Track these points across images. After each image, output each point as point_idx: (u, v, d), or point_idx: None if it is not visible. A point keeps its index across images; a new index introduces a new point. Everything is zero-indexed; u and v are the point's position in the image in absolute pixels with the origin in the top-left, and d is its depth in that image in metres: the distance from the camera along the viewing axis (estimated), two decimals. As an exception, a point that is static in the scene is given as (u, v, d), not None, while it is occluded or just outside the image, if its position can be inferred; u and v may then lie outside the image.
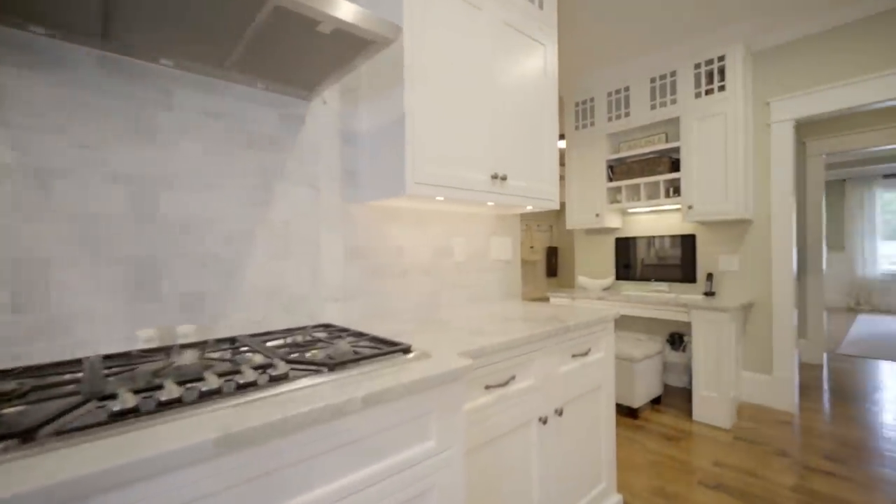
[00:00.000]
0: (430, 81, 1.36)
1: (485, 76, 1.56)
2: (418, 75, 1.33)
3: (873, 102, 2.53)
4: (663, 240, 3.36)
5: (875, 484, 1.99)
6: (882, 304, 6.82)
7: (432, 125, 1.37)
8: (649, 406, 2.98)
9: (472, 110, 1.51)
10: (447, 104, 1.42)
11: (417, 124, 1.32)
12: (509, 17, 1.65)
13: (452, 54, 1.44)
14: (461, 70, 1.47)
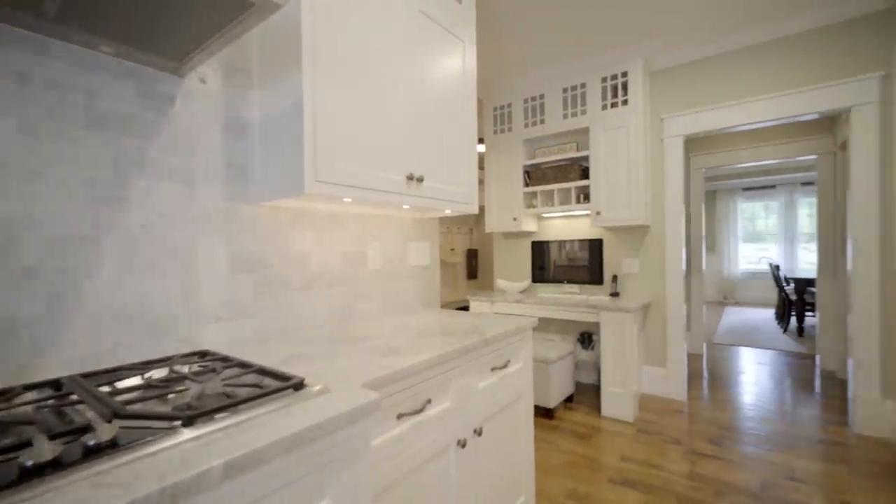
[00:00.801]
0: (335, 66, 1.19)
1: (400, 67, 1.42)
2: (321, 58, 1.15)
3: (743, 124, 2.88)
4: (574, 244, 3.52)
5: (746, 462, 2.24)
6: (743, 297, 8.03)
7: (338, 117, 1.20)
8: (563, 405, 3.08)
9: (386, 104, 1.37)
10: (356, 94, 1.26)
11: (320, 115, 1.14)
12: (425, 5, 1.53)
13: (361, 38, 1.28)
14: (373, 57, 1.32)
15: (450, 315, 1.82)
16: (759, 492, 1.98)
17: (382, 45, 1.35)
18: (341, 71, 1.21)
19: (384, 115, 1.36)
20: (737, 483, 2.05)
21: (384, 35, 1.36)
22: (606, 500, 1.95)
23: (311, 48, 1.12)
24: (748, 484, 2.04)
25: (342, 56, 1.21)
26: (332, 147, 1.17)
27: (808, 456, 2.29)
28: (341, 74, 1.21)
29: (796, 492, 1.97)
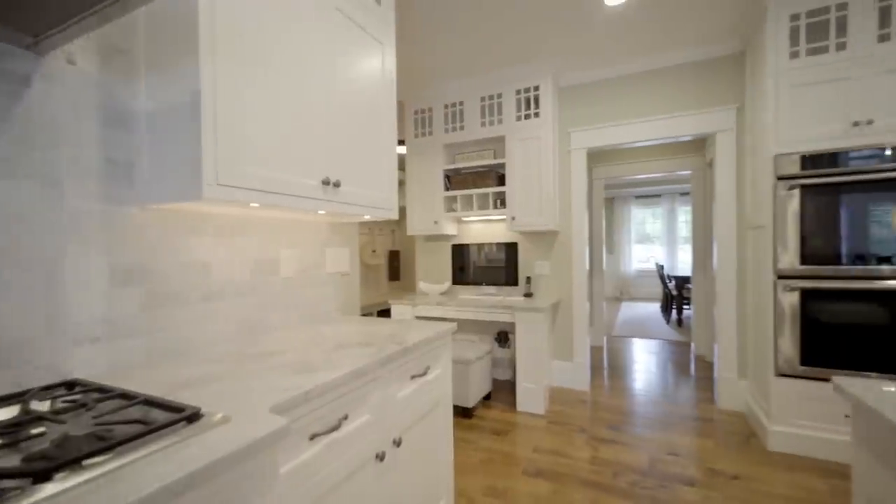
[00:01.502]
0: (239, 59, 1.09)
1: (314, 66, 1.35)
2: (223, 48, 1.04)
3: (636, 141, 3.24)
4: (492, 247, 3.66)
5: (638, 443, 2.52)
6: (636, 293, 9.05)
7: (244, 115, 1.10)
8: (481, 403, 3.19)
9: (299, 103, 1.29)
10: (266, 92, 1.17)
11: (222, 111, 1.04)
12: (342, 3, 1.48)
13: (271, 31, 1.19)
14: (284, 53, 1.23)
15: (369, 323, 1.78)
16: (648, 468, 2.24)
17: (295, 41, 1.27)
18: (247, 65, 1.11)
19: (297, 116, 1.28)
20: (630, 463, 2.30)
21: (297, 30, 1.28)
22: (521, 492, 2.05)
23: (211, 36, 1.02)
24: (639, 463, 2.30)
25: (248, 48, 1.12)
26: (237, 147, 1.07)
27: (684, 432, 2.65)
28: (247, 68, 1.11)
29: (675, 465, 2.26)
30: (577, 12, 2.51)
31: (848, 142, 2.12)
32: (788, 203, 2.23)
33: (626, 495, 2.01)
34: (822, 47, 2.18)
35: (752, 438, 2.53)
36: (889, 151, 2.04)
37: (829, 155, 2.15)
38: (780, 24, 2.23)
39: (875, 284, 2.07)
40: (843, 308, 2.14)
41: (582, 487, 2.08)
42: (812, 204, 2.19)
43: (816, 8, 2.17)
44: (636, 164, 4.72)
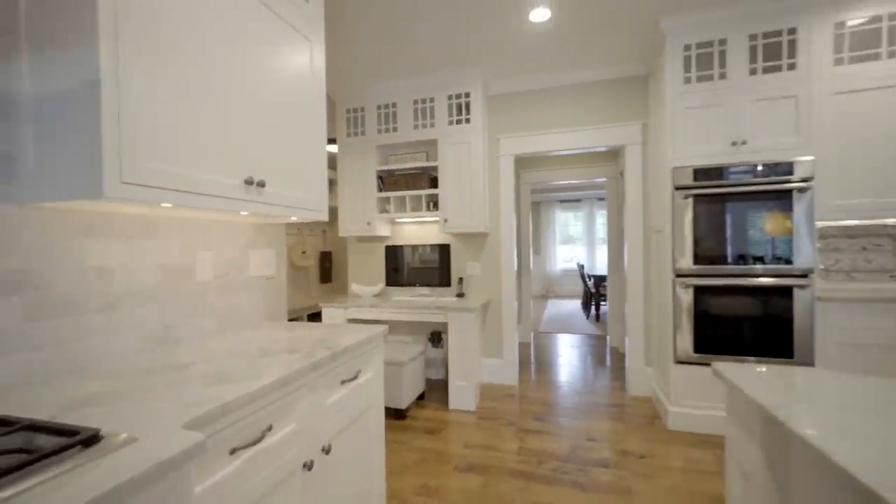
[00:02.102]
0: (149, 46, 1.00)
1: (238, 60, 1.28)
2: (129, 32, 0.95)
3: (558, 150, 3.48)
4: (426, 248, 3.70)
5: (560, 432, 2.71)
6: (560, 291, 9.65)
7: (154, 107, 1.01)
8: (415, 403, 3.21)
9: (219, 96, 1.21)
10: (178, 80, 1.08)
11: (126, 102, 0.95)
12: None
13: (188, 19, 1.11)
14: (204, 44, 1.15)
15: (297, 328, 1.72)
16: (568, 455, 2.41)
17: (215, 31, 1.20)
18: (158, 52, 1.03)
19: (216, 110, 1.20)
20: (553, 451, 2.46)
21: (217, 21, 1.21)
22: (453, 488, 2.11)
23: (113, 16, 0.93)
24: (561, 450, 2.47)
25: (158, 33, 1.03)
26: (145, 142, 0.99)
27: (600, 419, 2.89)
28: (158, 56, 1.03)
29: (592, 449, 2.47)
30: (505, 24, 2.63)
31: (729, 158, 2.47)
32: (684, 210, 2.54)
33: (549, 481, 2.15)
34: (709, 75, 2.51)
35: (657, 420, 2.84)
36: (760, 168, 2.41)
37: (716, 169, 2.48)
38: (675, 53, 2.54)
39: (752, 281, 2.43)
40: (728, 302, 2.48)
41: (510, 478, 2.19)
42: (702, 211, 2.51)
43: (704, 41, 2.50)
44: (559, 171, 5.04)
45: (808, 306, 2.33)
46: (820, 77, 2.32)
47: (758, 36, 2.41)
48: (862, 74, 2.25)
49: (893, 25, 2.21)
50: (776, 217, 2.39)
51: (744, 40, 2.43)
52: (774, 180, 2.37)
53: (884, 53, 2.22)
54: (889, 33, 2.23)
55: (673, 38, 2.53)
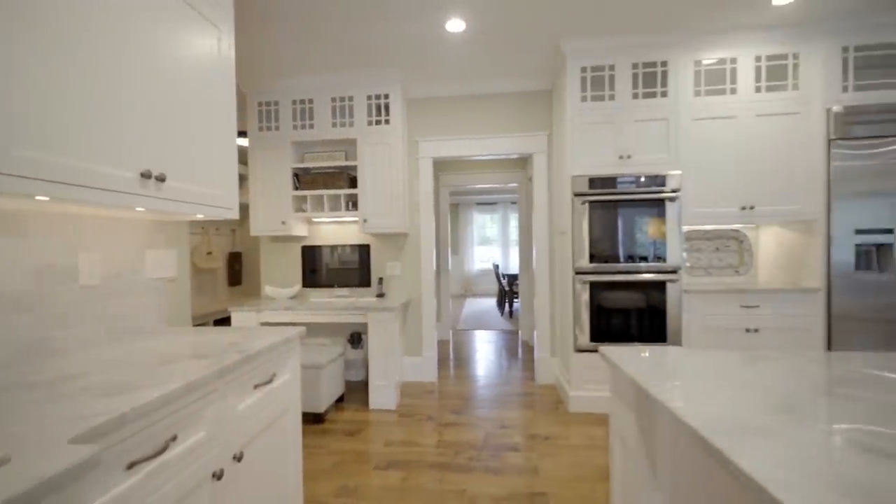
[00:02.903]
0: (28, 18, 0.89)
1: (136, 43, 1.18)
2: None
3: (474, 155, 3.66)
4: (345, 248, 3.65)
5: (476, 423, 2.87)
6: (478, 290, 10.07)
7: (22, 84, 0.90)
8: (334, 406, 3.15)
9: (109, 80, 1.11)
10: (68, 64, 0.97)
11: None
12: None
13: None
14: (97, 23, 1.05)
15: (205, 333, 1.61)
16: (483, 443, 2.57)
17: (111, 11, 1.09)
18: (39, 26, 0.91)
19: (107, 95, 1.10)
20: (470, 441, 2.60)
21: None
22: (373, 486, 2.13)
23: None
24: (476, 439, 2.62)
25: (44, 7, 0.92)
26: (13, 127, 0.88)
27: (512, 407, 3.11)
28: (40, 31, 0.91)
29: (505, 436, 2.65)
30: (424, 31, 2.71)
31: (617, 170, 2.82)
32: (582, 214, 2.85)
33: (465, 469, 2.28)
34: (601, 96, 2.85)
35: (560, 405, 3.13)
36: (642, 179, 2.80)
37: (608, 178, 2.82)
38: (573, 73, 2.84)
39: (636, 277, 2.81)
40: (617, 295, 2.83)
41: (429, 470, 2.27)
42: (597, 215, 2.84)
43: (597, 65, 2.83)
44: (476, 175, 5.29)
45: (677, 298, 2.76)
46: (684, 104, 2.76)
47: (639, 65, 2.80)
48: (713, 105, 2.74)
49: (734, 68, 2.73)
50: (654, 222, 2.79)
51: (628, 68, 2.80)
52: (653, 190, 2.77)
53: (727, 90, 2.73)
54: (731, 74, 2.74)
55: (572, 60, 2.83)
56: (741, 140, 2.72)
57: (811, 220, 2.68)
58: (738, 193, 2.73)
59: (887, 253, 2.56)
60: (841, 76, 2.60)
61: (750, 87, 2.71)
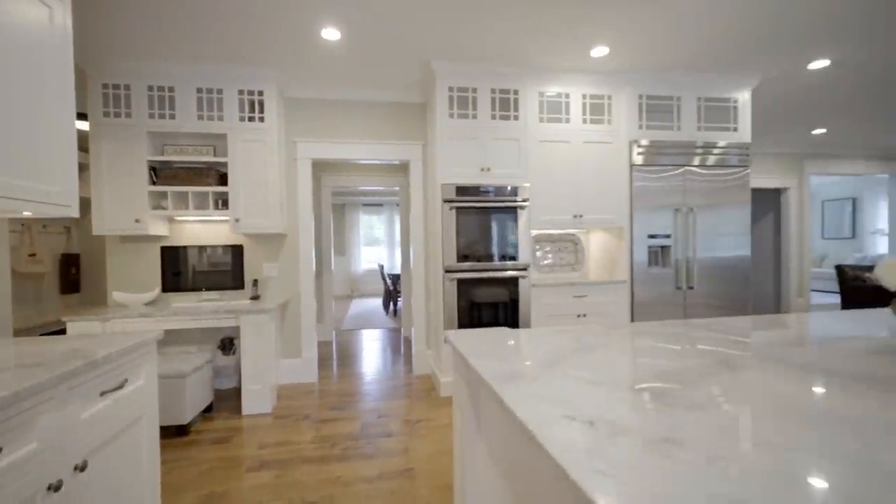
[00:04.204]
0: None
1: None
2: None
3: (355, 158, 3.78)
4: (215, 249, 3.44)
5: (355, 416, 3.00)
6: (364, 290, 10.09)
7: None
8: (200, 417, 2.97)
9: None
10: None
11: None
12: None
13: None
14: None
15: (34, 342, 1.46)
16: (360, 433, 2.72)
17: None
18: None
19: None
20: (347, 433, 2.72)
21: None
22: (244, 488, 2.12)
23: None
24: (354, 431, 2.75)
25: None
26: None
27: (389, 398, 3.32)
28: None
29: (380, 425, 2.84)
30: (301, 35, 2.75)
31: (480, 180, 3.22)
32: (450, 218, 3.18)
33: (341, 459, 2.40)
34: (466, 114, 3.23)
35: (433, 391, 3.44)
36: (500, 189, 3.24)
37: (472, 187, 3.20)
38: (442, 91, 3.16)
39: (495, 274, 3.23)
40: (481, 290, 3.23)
41: (304, 464, 2.34)
42: (463, 219, 3.20)
43: (462, 86, 3.20)
44: (360, 177, 5.38)
45: (527, 291, 3.27)
46: (532, 128, 3.29)
47: (496, 91, 3.24)
48: (553, 130, 3.32)
49: (567, 101, 3.34)
50: (509, 226, 3.26)
51: (488, 92, 3.22)
52: (508, 199, 3.24)
53: (563, 119, 3.34)
54: (566, 106, 3.35)
55: (440, 80, 3.15)
56: (573, 161, 3.35)
57: (621, 227, 3.42)
58: (571, 204, 3.35)
59: (668, 253, 3.42)
60: (638, 117, 3.39)
61: (579, 118, 3.35)
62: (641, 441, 0.66)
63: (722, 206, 3.50)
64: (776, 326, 1.55)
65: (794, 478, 0.55)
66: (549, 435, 0.68)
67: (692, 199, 3.46)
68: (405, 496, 2.04)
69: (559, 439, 0.67)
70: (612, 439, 0.67)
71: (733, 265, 3.52)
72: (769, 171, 6.01)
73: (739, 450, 0.64)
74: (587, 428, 0.71)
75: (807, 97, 3.94)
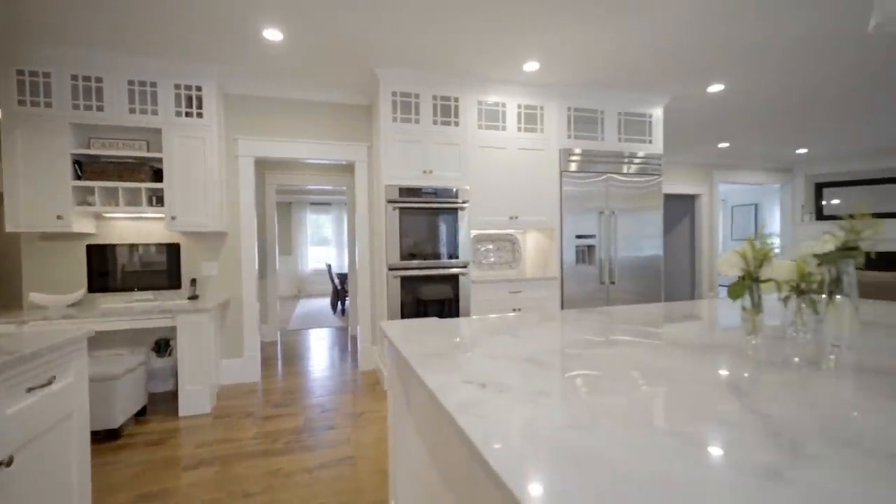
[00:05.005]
0: None
1: None
2: None
3: (301, 158, 3.79)
4: (148, 248, 3.32)
5: (300, 411, 3.05)
6: (312, 291, 9.92)
7: None
8: (133, 420, 2.87)
9: None
10: None
11: None
12: None
13: None
14: None
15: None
16: (304, 427, 2.78)
17: None
18: None
19: None
20: (290, 428, 2.77)
21: None
22: (180, 486, 2.12)
23: None
24: (297, 425, 2.80)
25: None
26: None
27: (334, 393, 3.39)
28: None
29: (324, 418, 2.91)
30: (241, 34, 2.75)
31: (422, 182, 3.38)
32: (394, 218, 3.31)
33: (283, 452, 2.45)
34: (409, 118, 3.37)
35: (377, 385, 3.55)
36: (441, 190, 3.41)
37: (414, 189, 3.35)
38: (386, 96, 3.28)
39: (436, 271, 3.40)
40: (423, 287, 3.38)
41: (244, 459, 2.37)
42: (406, 219, 3.34)
43: (405, 92, 3.33)
44: (306, 176, 5.35)
45: (467, 287, 3.47)
46: (471, 134, 3.50)
47: (438, 97, 3.41)
48: (491, 137, 3.55)
49: (504, 110, 3.59)
50: (451, 226, 3.44)
51: (430, 98, 3.39)
52: (449, 200, 3.42)
53: (500, 126, 3.58)
54: (502, 115, 3.59)
55: (384, 85, 3.27)
56: (510, 166, 3.60)
57: (552, 228, 3.73)
58: (508, 206, 3.60)
59: (593, 252, 3.78)
60: (566, 127, 3.71)
61: (515, 126, 3.60)
62: (521, 395, 0.85)
63: (639, 211, 3.91)
64: (658, 312, 1.85)
65: (615, 407, 0.76)
66: (448, 396, 0.85)
67: (614, 204, 3.84)
68: (345, 482, 2.15)
69: (455, 399, 0.84)
70: (498, 395, 0.85)
71: (649, 263, 3.95)
72: (684, 179, 6.70)
73: (587, 396, 0.84)
74: (480, 389, 0.89)
75: (709, 115, 4.49)
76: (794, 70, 3.35)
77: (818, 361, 1.00)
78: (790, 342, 1.16)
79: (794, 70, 3.35)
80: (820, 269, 1.05)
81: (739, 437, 0.64)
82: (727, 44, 2.94)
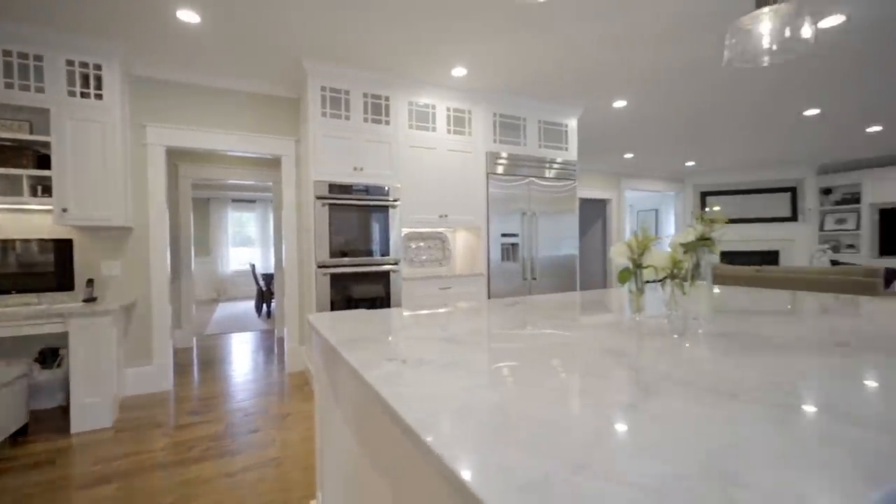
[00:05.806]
0: None
1: None
2: None
3: (220, 149, 3.57)
4: (30, 244, 2.91)
5: (220, 418, 2.87)
6: (234, 293, 9.28)
7: None
8: (9, 442, 2.51)
9: None
10: None
11: None
12: None
13: None
14: None
15: None
16: (224, 433, 2.63)
17: None
18: None
19: None
20: (208, 434, 2.60)
21: None
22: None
23: None
24: (216, 432, 2.64)
25: None
26: None
27: (260, 396, 3.24)
28: None
29: (246, 423, 2.78)
30: (150, 13, 2.55)
31: (352, 179, 3.36)
32: (323, 215, 3.25)
33: (200, 460, 2.30)
34: (339, 115, 3.34)
35: (306, 386, 3.46)
36: (372, 188, 3.42)
37: (344, 185, 3.32)
38: (315, 90, 3.22)
39: (366, 269, 3.40)
40: (352, 284, 3.36)
41: (154, 471, 2.19)
42: (336, 216, 3.30)
43: (335, 88, 3.30)
44: (228, 170, 5.01)
45: (398, 284, 3.51)
46: (402, 133, 3.56)
47: (368, 95, 3.42)
48: (422, 137, 3.64)
49: (434, 112, 3.70)
50: (381, 224, 3.47)
51: (360, 96, 3.39)
52: (379, 198, 3.44)
53: (430, 127, 3.68)
54: (433, 116, 3.70)
55: (312, 78, 3.21)
56: (440, 166, 3.72)
57: (479, 227, 3.91)
58: (437, 205, 3.71)
59: (516, 250, 4.03)
60: (493, 132, 3.93)
61: (444, 128, 3.73)
62: (436, 367, 0.93)
63: (558, 213, 4.24)
64: (566, 300, 2.06)
65: (514, 371, 0.87)
66: (371, 372, 0.91)
67: (536, 206, 4.13)
68: (271, 482, 2.08)
69: (377, 373, 0.89)
70: (416, 368, 0.92)
71: (566, 262, 4.30)
72: (597, 185, 7.37)
73: (492, 364, 0.95)
74: (400, 364, 0.96)
75: (616, 128, 5.01)
76: (680, 92, 3.88)
77: (682, 331, 1.21)
78: (666, 318, 1.38)
79: (679, 92, 3.88)
80: (686, 256, 1.26)
81: (611, 385, 0.78)
82: (624, 65, 3.32)
